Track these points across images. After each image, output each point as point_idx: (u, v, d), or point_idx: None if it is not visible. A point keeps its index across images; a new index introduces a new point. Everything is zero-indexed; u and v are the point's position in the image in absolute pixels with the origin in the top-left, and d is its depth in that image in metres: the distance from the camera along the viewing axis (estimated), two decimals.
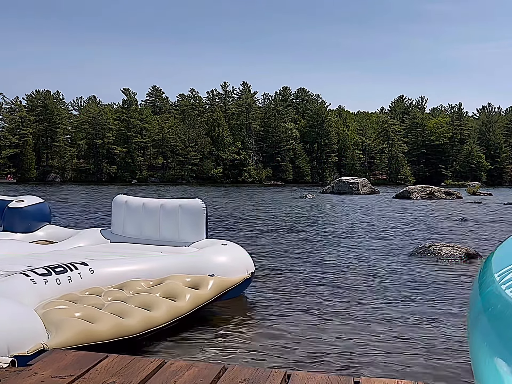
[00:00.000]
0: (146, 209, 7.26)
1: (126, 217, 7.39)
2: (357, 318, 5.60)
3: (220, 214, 19.79)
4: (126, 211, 7.41)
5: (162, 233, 7.12)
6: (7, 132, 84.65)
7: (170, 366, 3.26)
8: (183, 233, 6.97)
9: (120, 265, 5.38)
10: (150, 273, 5.40)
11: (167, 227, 7.09)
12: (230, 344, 4.73)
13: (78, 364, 3.23)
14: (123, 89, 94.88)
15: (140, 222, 7.27)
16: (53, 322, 3.88)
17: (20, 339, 3.57)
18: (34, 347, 3.57)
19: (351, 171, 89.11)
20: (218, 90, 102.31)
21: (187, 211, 7.02)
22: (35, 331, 3.72)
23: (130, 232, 7.35)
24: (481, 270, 2.19)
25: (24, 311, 3.86)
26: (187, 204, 7.10)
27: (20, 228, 7.46)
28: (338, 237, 12.78)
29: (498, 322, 1.69)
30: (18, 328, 3.64)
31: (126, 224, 7.40)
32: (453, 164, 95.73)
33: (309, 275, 7.93)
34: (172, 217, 7.07)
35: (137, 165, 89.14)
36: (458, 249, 9.73)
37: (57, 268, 4.69)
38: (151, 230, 7.19)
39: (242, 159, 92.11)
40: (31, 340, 3.63)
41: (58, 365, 3.21)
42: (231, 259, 6.15)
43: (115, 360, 3.32)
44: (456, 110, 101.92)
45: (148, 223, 7.21)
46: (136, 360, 3.36)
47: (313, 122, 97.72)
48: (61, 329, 3.83)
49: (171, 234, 7.04)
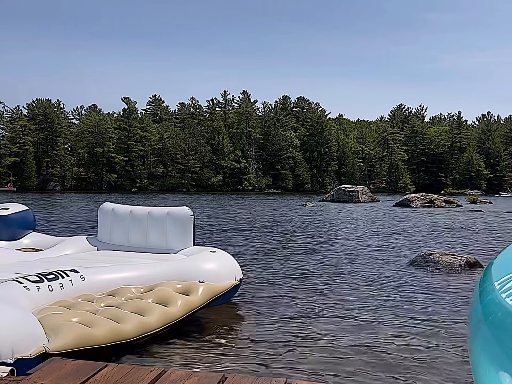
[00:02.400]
0: (134, 217, 7.27)
1: (113, 225, 7.39)
2: (352, 325, 5.59)
3: (218, 221, 19.79)
4: (113, 218, 7.41)
5: (149, 240, 7.13)
6: (8, 141, 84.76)
7: (170, 376, 3.24)
8: (170, 241, 7.00)
9: (111, 273, 5.42)
10: (141, 280, 5.45)
11: (154, 234, 7.11)
12: (224, 351, 4.73)
13: (78, 373, 3.22)
14: (124, 98, 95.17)
15: (127, 229, 7.28)
16: (52, 326, 3.95)
17: (22, 343, 3.64)
18: (36, 350, 3.65)
19: (351, 179, 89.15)
20: (218, 99, 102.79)
21: (175, 219, 7.05)
22: (36, 335, 3.79)
23: (117, 239, 7.35)
24: (481, 279, 2.19)
25: (25, 316, 3.92)
26: (175, 212, 7.13)
27: (4, 236, 7.46)
28: (336, 245, 12.76)
29: (499, 331, 1.69)
30: (21, 332, 3.70)
31: (113, 231, 7.40)
32: (453, 173, 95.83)
33: (303, 283, 7.90)
34: (159, 224, 7.09)
35: (137, 174, 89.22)
36: (459, 257, 9.72)
37: (49, 275, 4.75)
38: (138, 237, 7.20)
39: (242, 168, 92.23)
40: (33, 343, 3.71)
41: (57, 374, 3.20)
42: (220, 266, 6.18)
43: (115, 369, 3.31)
44: (456, 119, 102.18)
45: (135, 230, 7.22)
46: (136, 369, 3.34)
47: (313, 131, 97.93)
48: (61, 333, 3.89)
49: (159, 242, 7.06)
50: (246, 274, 8.25)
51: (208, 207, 32.49)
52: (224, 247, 11.65)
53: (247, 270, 8.77)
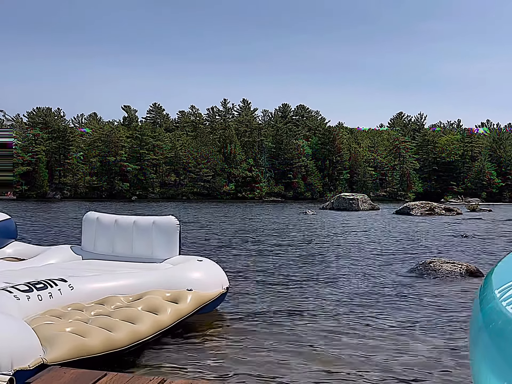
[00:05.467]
0: (119, 226, 7.25)
1: (98, 234, 7.36)
2: (346, 333, 5.65)
3: (222, 229, 19.84)
4: (97, 228, 7.38)
5: (134, 250, 7.11)
6: (20, 150, 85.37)
7: None
8: (156, 250, 6.99)
9: (99, 282, 5.46)
10: (130, 288, 5.49)
11: (140, 244, 7.09)
12: (216, 359, 4.79)
13: (77, 382, 3.26)
14: (124, 106, 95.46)
15: (112, 239, 7.26)
16: (47, 337, 3.97)
17: (21, 354, 3.65)
18: (35, 361, 3.67)
19: (363, 187, 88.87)
20: (218, 107, 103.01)
21: (161, 228, 7.05)
22: (33, 346, 3.81)
23: (101, 249, 7.32)
24: (482, 287, 2.22)
25: (22, 327, 3.94)
26: (161, 221, 7.13)
27: None
28: (333, 252, 12.78)
29: (499, 338, 1.71)
30: (19, 343, 3.72)
31: (97, 241, 7.37)
32: (465, 181, 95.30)
33: (299, 291, 7.95)
34: (145, 234, 7.07)
35: (149, 182, 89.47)
36: (459, 265, 9.70)
37: (37, 285, 4.77)
38: (123, 247, 7.17)
39: (254, 176, 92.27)
40: (31, 355, 3.72)
41: (57, 383, 3.24)
42: (207, 275, 6.24)
43: (114, 378, 3.34)
44: (455, 127, 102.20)
45: (120, 240, 7.20)
46: (135, 379, 3.37)
47: (325, 139, 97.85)
48: (56, 344, 3.92)
49: (144, 251, 7.04)
50: (240, 283, 8.31)
51: (213, 216, 32.55)
52: (224, 255, 11.71)
53: (242, 278, 8.82)
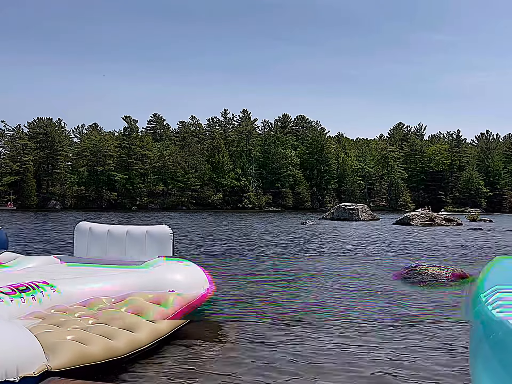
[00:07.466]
0: (112, 236, 7.21)
1: (90, 244, 7.30)
2: (333, 341, 5.64)
3: (218, 239, 19.85)
4: (89, 238, 7.33)
5: (127, 259, 7.02)
6: (8, 159, 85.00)
7: None
8: (149, 259, 6.88)
9: (82, 284, 5.43)
10: (112, 291, 5.46)
11: (133, 253, 7.05)
12: (210, 368, 4.79)
13: None
14: (124, 117, 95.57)
15: (105, 249, 7.20)
16: (49, 345, 3.93)
17: (26, 361, 3.63)
18: (39, 368, 3.66)
19: (351, 197, 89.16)
20: (218, 118, 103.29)
21: (154, 237, 7.04)
22: (37, 354, 3.79)
23: (93, 259, 7.17)
24: (470, 291, 2.30)
25: (25, 334, 3.92)
26: (154, 230, 7.12)
27: None
28: (328, 262, 12.81)
29: (489, 341, 1.78)
30: (24, 350, 3.71)
31: (90, 251, 7.30)
32: (453, 191, 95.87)
33: (292, 299, 7.93)
34: (138, 243, 7.04)
35: (137, 192, 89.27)
36: (445, 269, 9.71)
37: (20, 287, 4.74)
38: (116, 257, 7.09)
39: (242, 186, 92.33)
40: (35, 361, 3.71)
41: None
42: (189, 277, 6.17)
43: None
44: (455, 137, 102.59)
45: (113, 250, 7.15)
46: None
47: (313, 149, 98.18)
48: (59, 351, 3.90)
49: (137, 260, 6.94)
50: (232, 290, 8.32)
51: (206, 224, 32.51)
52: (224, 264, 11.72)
53: (236, 287, 8.84)
